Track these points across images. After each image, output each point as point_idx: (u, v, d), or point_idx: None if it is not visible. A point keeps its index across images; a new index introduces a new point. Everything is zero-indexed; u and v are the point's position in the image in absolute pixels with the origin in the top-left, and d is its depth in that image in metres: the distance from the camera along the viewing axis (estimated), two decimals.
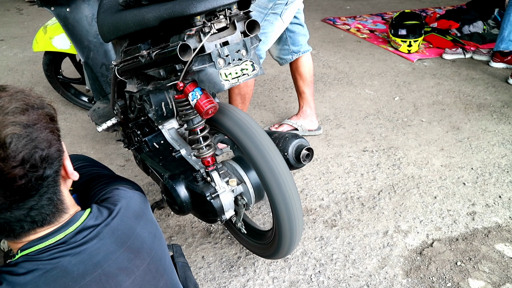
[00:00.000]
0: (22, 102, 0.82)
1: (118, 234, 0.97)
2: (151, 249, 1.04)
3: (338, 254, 1.92)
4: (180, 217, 2.12)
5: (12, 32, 4.78)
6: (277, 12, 2.15)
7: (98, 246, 0.93)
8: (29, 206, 0.83)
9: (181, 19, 1.21)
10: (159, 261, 1.07)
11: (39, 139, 0.81)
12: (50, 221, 0.89)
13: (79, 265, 0.89)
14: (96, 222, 0.95)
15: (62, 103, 3.17)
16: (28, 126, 0.80)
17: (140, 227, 1.03)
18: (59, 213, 0.90)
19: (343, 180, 2.40)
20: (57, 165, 0.86)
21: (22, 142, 0.78)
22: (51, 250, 0.88)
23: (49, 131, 0.84)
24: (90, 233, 0.93)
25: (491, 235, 2.03)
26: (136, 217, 1.04)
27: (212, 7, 1.18)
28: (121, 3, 1.36)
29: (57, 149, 0.85)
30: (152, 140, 1.75)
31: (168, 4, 1.22)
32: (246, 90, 2.36)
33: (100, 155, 2.60)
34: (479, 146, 2.71)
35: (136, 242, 1.00)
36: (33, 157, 0.79)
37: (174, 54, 1.19)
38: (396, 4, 5.95)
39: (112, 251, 0.95)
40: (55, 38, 2.53)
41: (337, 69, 3.87)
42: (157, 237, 1.09)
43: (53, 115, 0.88)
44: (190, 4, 1.17)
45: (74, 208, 0.95)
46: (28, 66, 3.87)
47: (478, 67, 3.91)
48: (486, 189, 2.33)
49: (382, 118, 3.04)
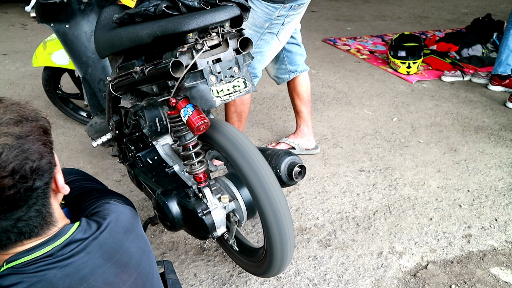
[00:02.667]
0: (17, 113, 0.83)
1: (106, 248, 0.96)
2: (139, 264, 1.03)
3: (331, 274, 1.91)
4: (174, 234, 2.11)
5: (15, 47, 4.83)
6: (274, 31, 2.17)
7: (85, 260, 0.92)
8: (16, 217, 0.83)
9: (174, 36, 1.23)
10: (147, 277, 1.06)
11: (31, 150, 0.82)
12: (38, 233, 0.89)
13: (65, 279, 0.89)
14: (84, 235, 0.94)
15: (61, 117, 3.18)
16: (20, 138, 0.81)
17: (128, 241, 1.03)
18: (47, 225, 0.90)
19: (338, 200, 2.39)
20: (48, 177, 0.86)
21: (13, 153, 0.79)
22: (37, 263, 0.87)
23: (42, 143, 0.85)
24: (78, 246, 0.92)
25: (487, 259, 2.01)
26: (125, 231, 1.04)
27: (204, 25, 1.20)
28: (115, 21, 1.38)
29: (48, 161, 0.86)
30: (146, 156, 1.76)
31: (161, 21, 1.24)
32: (243, 108, 2.37)
33: (97, 169, 2.60)
34: (476, 169, 2.70)
35: (123, 256, 1.00)
36: (23, 168, 0.80)
37: (167, 71, 1.20)
38: (396, 26, 6.01)
39: (99, 265, 0.94)
40: (54, 54, 2.56)
41: (336, 89, 3.89)
42: (146, 252, 1.09)
43: (47, 128, 0.89)
44: (182, 22, 1.18)
45: (63, 221, 0.95)
46: (29, 80, 3.90)
47: (476, 90, 3.93)
48: (482, 211, 2.32)
49: (380, 139, 3.04)
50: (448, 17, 6.66)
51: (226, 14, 1.23)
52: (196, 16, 1.20)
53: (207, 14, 1.21)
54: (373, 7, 7.19)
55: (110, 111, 1.75)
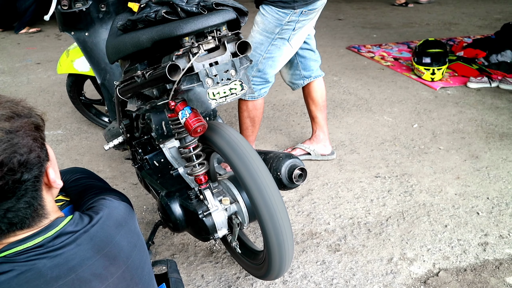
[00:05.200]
0: (9, 110, 0.89)
1: (96, 241, 1.00)
2: (128, 258, 1.07)
3: (338, 279, 1.90)
4: (184, 236, 2.15)
5: (48, 56, 5.02)
6: (285, 37, 2.19)
7: (75, 251, 0.96)
8: (5, 207, 0.87)
9: (171, 40, 1.27)
10: (136, 270, 1.09)
11: (19, 144, 0.86)
12: (29, 225, 0.93)
13: (54, 269, 0.93)
14: (75, 228, 0.98)
15: (85, 123, 3.29)
16: (10, 132, 0.86)
17: (120, 236, 1.06)
18: (39, 217, 0.94)
19: (351, 205, 2.38)
20: (37, 171, 0.90)
21: (2, 147, 0.83)
22: (28, 253, 0.91)
23: (32, 138, 0.89)
24: (68, 238, 0.96)
25: (502, 267, 1.96)
26: (117, 226, 1.08)
27: (198, 29, 1.23)
28: (118, 27, 1.44)
29: (37, 155, 0.90)
30: (153, 158, 1.80)
31: (159, 26, 1.28)
32: (256, 113, 2.39)
33: (115, 173, 2.68)
34: (498, 176, 2.63)
35: (113, 249, 1.03)
36: (11, 161, 0.84)
37: (164, 74, 1.24)
38: (424, 33, 5.91)
39: (88, 257, 0.98)
40: (76, 61, 2.66)
41: (357, 95, 3.87)
42: (138, 247, 1.12)
43: (39, 124, 0.94)
44: (177, 26, 1.22)
45: (55, 214, 0.99)
46: (59, 88, 4.05)
47: (504, 96, 3.82)
48: (501, 219, 2.26)
49: (399, 145, 3.01)
50: (479, 23, 6.50)
51: (220, 18, 1.26)
52: (191, 20, 1.24)
53: (202, 18, 1.24)
54: (401, 14, 7.10)
55: (121, 115, 1.81)
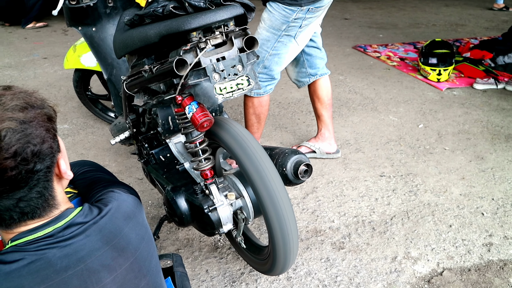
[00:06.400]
0: (23, 101, 0.90)
1: (105, 233, 1.01)
2: (136, 250, 1.08)
3: (342, 277, 1.90)
4: (189, 231, 2.16)
5: (55, 51, 5.04)
6: (291, 34, 2.19)
7: (84, 242, 0.97)
8: (18, 197, 0.89)
9: (179, 35, 1.27)
10: (143, 262, 1.10)
11: (33, 135, 0.88)
12: (40, 215, 0.94)
13: (63, 259, 0.94)
14: (85, 219, 0.99)
15: (91, 118, 3.31)
16: (24, 123, 0.87)
17: (128, 228, 1.08)
18: (50, 208, 0.96)
19: (356, 204, 2.38)
20: (49, 161, 0.92)
21: (16, 136, 0.85)
22: (38, 242, 0.93)
23: (45, 129, 0.91)
24: (78, 229, 0.97)
25: (507, 268, 1.95)
26: (126, 218, 1.09)
27: (205, 23, 1.24)
28: (126, 22, 1.44)
29: (49, 146, 0.91)
30: (159, 153, 1.81)
31: (167, 21, 1.29)
32: (261, 110, 2.39)
33: (121, 167, 2.69)
34: (503, 177, 2.63)
35: (121, 241, 1.04)
36: (25, 151, 0.86)
37: (171, 68, 1.25)
38: (430, 33, 5.90)
39: (97, 248, 0.99)
40: (83, 56, 2.67)
41: (363, 95, 3.86)
42: (145, 240, 1.13)
43: (51, 116, 0.95)
44: (185, 21, 1.23)
45: (66, 205, 1.01)
46: (66, 83, 4.07)
47: (510, 98, 3.81)
48: (506, 220, 2.25)
49: (404, 145, 3.00)
50: (486, 24, 6.48)
51: (228, 13, 1.27)
52: (199, 15, 1.24)
53: (209, 13, 1.25)
54: (407, 15, 7.08)
55: (127, 110, 1.82)
